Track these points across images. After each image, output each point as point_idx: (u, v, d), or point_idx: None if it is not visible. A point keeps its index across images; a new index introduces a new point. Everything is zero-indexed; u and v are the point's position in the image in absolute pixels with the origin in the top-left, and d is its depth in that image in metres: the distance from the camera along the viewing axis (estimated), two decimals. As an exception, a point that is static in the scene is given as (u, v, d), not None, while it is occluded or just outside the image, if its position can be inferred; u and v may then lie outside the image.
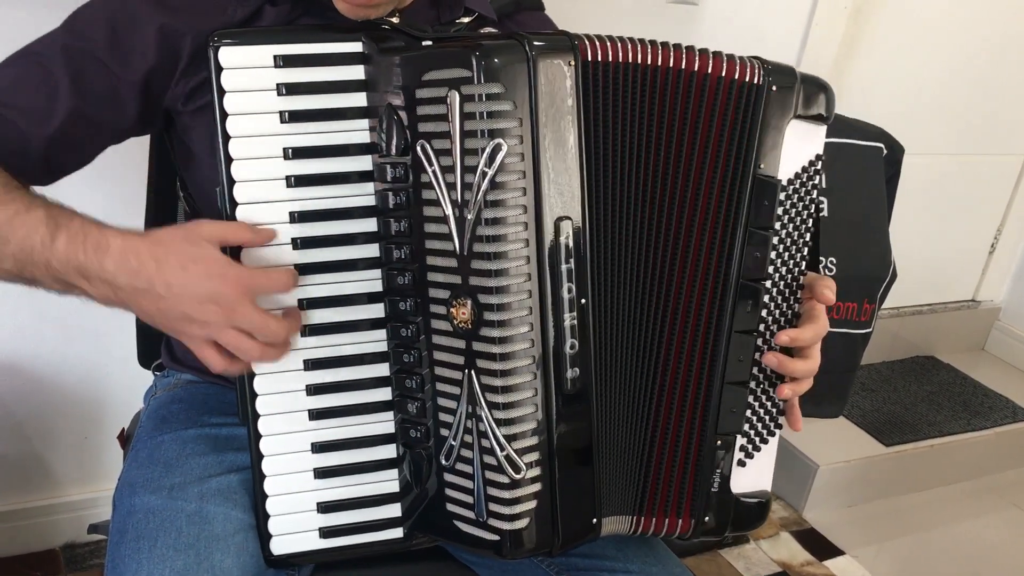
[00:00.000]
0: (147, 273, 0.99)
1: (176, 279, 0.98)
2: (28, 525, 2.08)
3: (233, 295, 0.98)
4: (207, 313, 0.99)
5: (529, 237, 1.02)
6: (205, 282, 0.98)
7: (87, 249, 1.01)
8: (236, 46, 1.03)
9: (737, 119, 1.10)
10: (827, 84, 1.14)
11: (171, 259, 0.99)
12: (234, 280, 0.99)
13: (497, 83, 0.98)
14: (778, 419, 1.21)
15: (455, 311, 1.04)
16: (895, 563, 2.62)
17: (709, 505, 1.18)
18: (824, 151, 1.15)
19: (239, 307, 0.99)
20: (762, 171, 1.11)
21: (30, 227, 1.02)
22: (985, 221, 3.46)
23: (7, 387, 1.97)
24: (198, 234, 1.00)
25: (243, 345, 1.01)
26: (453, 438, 1.08)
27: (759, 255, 1.12)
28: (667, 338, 1.14)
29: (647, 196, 1.10)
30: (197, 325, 1.00)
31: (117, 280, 1.00)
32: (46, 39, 1.14)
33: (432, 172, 1.02)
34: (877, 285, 2.26)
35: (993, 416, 3.10)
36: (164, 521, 1.11)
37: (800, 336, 1.15)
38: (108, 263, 1.00)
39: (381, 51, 1.06)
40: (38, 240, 1.02)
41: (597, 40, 1.04)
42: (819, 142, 1.15)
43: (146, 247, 1.00)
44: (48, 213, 1.04)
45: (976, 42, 3.00)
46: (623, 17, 2.25)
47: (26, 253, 1.03)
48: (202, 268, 0.98)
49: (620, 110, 1.07)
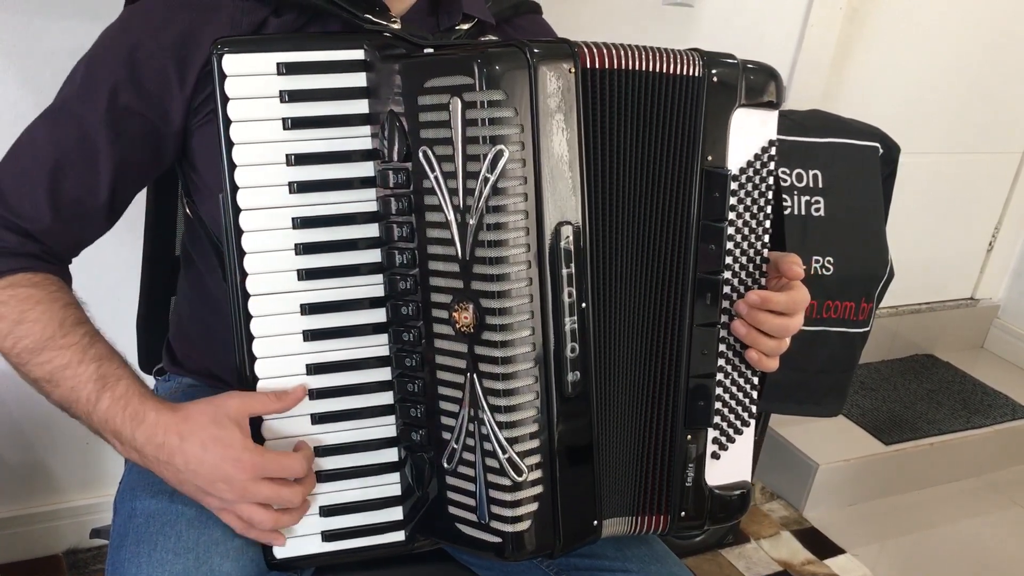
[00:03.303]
0: (170, 448, 1.05)
1: (194, 457, 1.05)
2: (31, 531, 2.08)
3: (245, 478, 1.04)
4: (220, 491, 1.05)
5: (530, 242, 1.02)
6: (220, 464, 1.04)
7: (125, 418, 1.07)
8: (239, 53, 1.03)
9: (678, 113, 1.10)
10: (773, 69, 1.14)
11: (193, 438, 1.05)
12: (248, 465, 1.04)
13: (499, 90, 0.98)
14: (751, 408, 1.20)
15: (457, 315, 1.04)
16: (896, 561, 2.62)
17: (684, 500, 1.18)
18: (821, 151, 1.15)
19: (250, 487, 1.05)
20: (710, 163, 1.11)
21: (79, 382, 1.09)
22: (983, 219, 3.47)
23: (9, 392, 1.96)
24: (225, 413, 1.06)
25: (256, 517, 1.06)
26: (455, 441, 1.08)
27: (714, 248, 1.13)
28: (649, 336, 1.15)
29: (642, 200, 1.11)
30: (212, 499, 1.07)
31: (145, 450, 1.07)
32: (73, 106, 1.15)
33: (434, 178, 1.02)
34: (875, 284, 2.26)
35: (992, 414, 3.11)
36: (164, 525, 1.12)
37: (772, 298, 1.14)
38: (140, 435, 1.07)
39: (383, 58, 1.06)
40: (83, 396, 1.09)
41: (595, 47, 1.05)
42: (771, 128, 1.14)
43: (175, 423, 1.06)
44: (98, 371, 1.10)
45: (972, 41, 3.00)
46: (620, 20, 2.25)
47: (70, 402, 1.10)
48: (220, 451, 1.04)
49: (618, 116, 1.07)
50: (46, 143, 1.14)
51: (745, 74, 1.12)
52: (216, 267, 1.17)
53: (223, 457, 1.03)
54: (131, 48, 1.12)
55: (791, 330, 1.16)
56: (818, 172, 2.18)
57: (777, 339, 1.16)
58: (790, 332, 1.16)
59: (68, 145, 1.13)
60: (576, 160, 1.04)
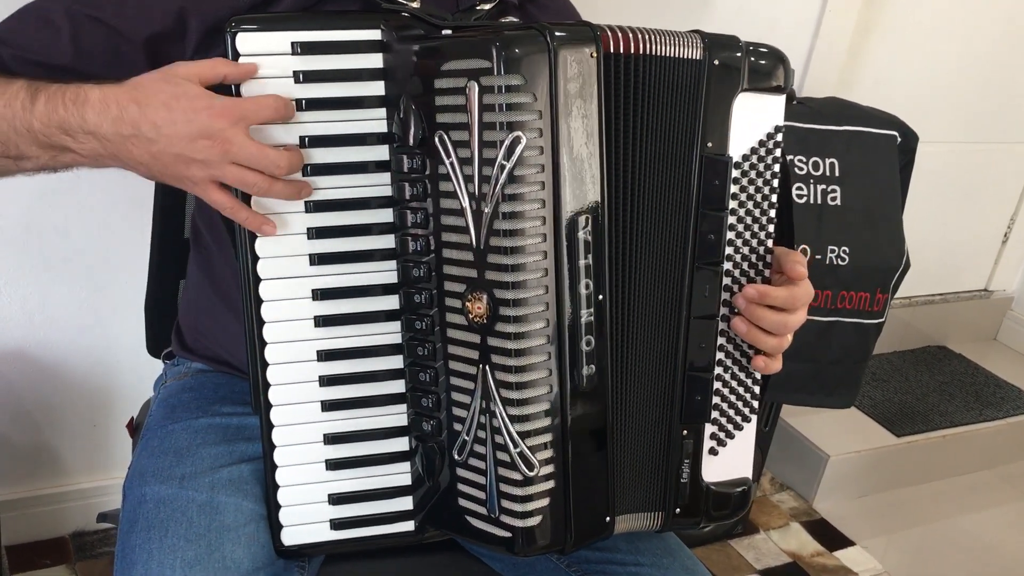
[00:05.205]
0: (131, 117, 0.98)
1: (161, 118, 0.97)
2: (37, 513, 2.09)
3: (224, 126, 0.97)
4: (201, 150, 0.97)
5: (547, 232, 1.01)
6: (192, 116, 0.97)
7: (66, 103, 1.00)
8: (254, 32, 1.02)
9: (679, 97, 1.07)
10: (780, 52, 1.11)
11: (153, 100, 0.97)
12: (221, 110, 0.97)
13: (517, 75, 0.96)
14: (752, 404, 1.18)
15: (471, 305, 1.03)
16: (906, 554, 2.62)
17: (680, 496, 1.17)
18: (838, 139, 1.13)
19: (233, 138, 0.97)
20: (710, 150, 1.09)
21: (10, 95, 1.03)
22: (998, 210, 3.44)
23: (16, 374, 1.97)
24: (174, 73, 0.99)
25: (247, 179, 0.99)
26: (466, 433, 1.07)
27: (713, 236, 1.10)
28: (654, 328, 1.13)
29: (654, 188, 1.09)
30: (196, 165, 0.99)
31: (102, 130, 0.99)
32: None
33: (450, 164, 1.01)
34: (890, 275, 2.24)
35: (1005, 406, 3.09)
36: (175, 511, 1.11)
37: (771, 293, 1.11)
38: (89, 114, 0.99)
39: (400, 39, 1.04)
40: (18, 105, 1.02)
41: (620, 31, 1.03)
42: (776, 113, 1.11)
43: (125, 92, 0.99)
44: (27, 81, 1.04)
45: (991, 29, 2.98)
46: (639, 4, 2.23)
47: (7, 121, 1.03)
48: (186, 103, 0.97)
49: (638, 102, 1.05)
50: (12, 19, 1.13)
51: (749, 57, 1.08)
52: (228, 244, 1.15)
53: (193, 108, 0.96)
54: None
55: (791, 327, 1.13)
56: (835, 160, 2.16)
57: (777, 336, 1.13)
58: (790, 329, 1.13)
59: (34, 26, 1.11)
60: (596, 148, 1.02)
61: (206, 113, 0.96)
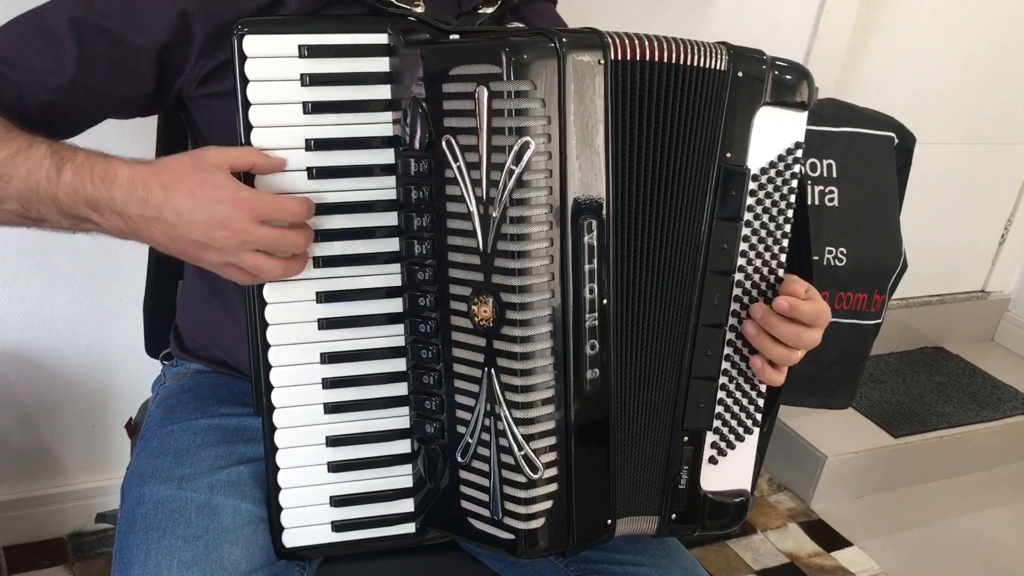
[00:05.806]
0: (155, 201, 0.98)
1: (184, 205, 0.97)
2: (36, 513, 2.08)
3: (243, 220, 0.97)
4: (219, 239, 0.98)
5: (554, 237, 1.01)
6: (215, 207, 0.97)
7: (94, 180, 1.00)
8: (261, 35, 1.02)
9: (700, 107, 1.08)
10: (805, 69, 1.11)
11: (179, 185, 0.98)
12: (244, 204, 0.98)
13: (526, 80, 0.96)
14: (756, 416, 1.18)
15: (476, 309, 1.03)
16: (903, 554, 2.62)
17: (676, 502, 1.17)
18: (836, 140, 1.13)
19: (251, 230, 0.98)
20: (728, 160, 1.09)
21: (34, 163, 1.01)
22: (996, 212, 3.45)
23: (15, 375, 1.96)
24: (204, 159, 0.99)
25: (263, 265, 1.00)
26: (470, 435, 1.07)
27: (726, 247, 1.11)
28: (660, 334, 1.12)
29: (664, 194, 1.09)
30: (213, 252, 0.99)
31: (127, 210, 0.99)
32: (53, 6, 1.11)
33: (457, 168, 1.01)
34: (888, 276, 2.25)
35: (1002, 407, 3.10)
36: (173, 512, 1.11)
37: (800, 306, 1.10)
38: (116, 193, 0.99)
39: (407, 43, 1.04)
40: (43, 175, 1.01)
41: (626, 38, 1.02)
42: (798, 129, 1.12)
43: (153, 174, 0.99)
44: (51, 148, 1.02)
45: (990, 31, 2.98)
46: (635, 3, 2.23)
47: (31, 189, 1.01)
48: (211, 192, 0.97)
49: (646, 109, 1.05)
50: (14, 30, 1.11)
51: (773, 71, 1.09)
52: None
53: (216, 199, 0.97)
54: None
55: (804, 341, 1.12)
56: (832, 162, 2.16)
57: (789, 348, 1.12)
58: (803, 343, 1.12)
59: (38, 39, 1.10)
60: (602, 154, 1.02)
61: (228, 205, 0.97)
